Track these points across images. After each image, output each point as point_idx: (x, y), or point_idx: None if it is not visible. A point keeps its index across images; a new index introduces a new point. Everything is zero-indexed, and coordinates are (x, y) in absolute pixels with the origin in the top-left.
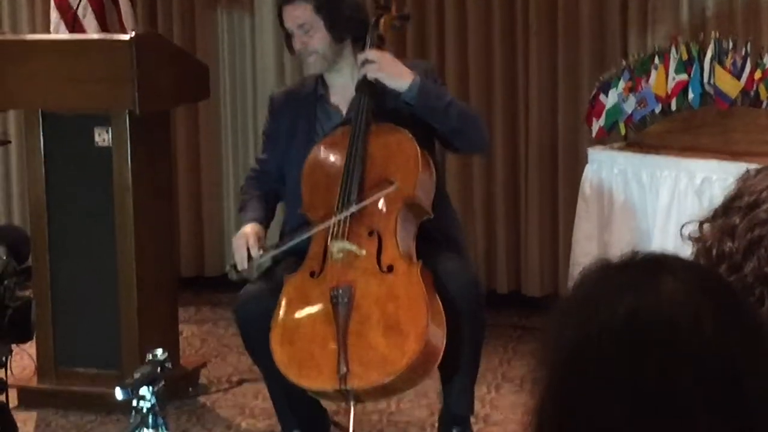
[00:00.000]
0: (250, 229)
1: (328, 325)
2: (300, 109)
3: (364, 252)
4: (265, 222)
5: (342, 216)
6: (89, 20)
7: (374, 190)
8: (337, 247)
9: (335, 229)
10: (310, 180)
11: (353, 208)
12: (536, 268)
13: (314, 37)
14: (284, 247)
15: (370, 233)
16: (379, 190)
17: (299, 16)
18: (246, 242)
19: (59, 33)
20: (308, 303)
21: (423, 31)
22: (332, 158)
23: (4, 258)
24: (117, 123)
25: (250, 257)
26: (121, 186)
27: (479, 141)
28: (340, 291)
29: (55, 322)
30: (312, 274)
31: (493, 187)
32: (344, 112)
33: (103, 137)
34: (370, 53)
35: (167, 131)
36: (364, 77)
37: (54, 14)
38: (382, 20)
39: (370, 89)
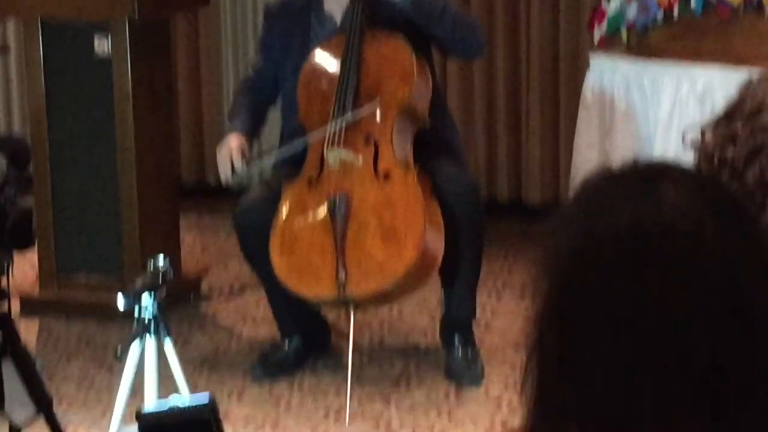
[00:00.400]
0: (234, 141)
1: (326, 233)
2: (295, 19)
3: (360, 160)
4: (252, 133)
5: (336, 125)
6: None
7: (368, 101)
8: (333, 155)
9: (331, 137)
10: (306, 89)
11: (348, 117)
12: (537, 176)
13: None
14: (271, 159)
15: (367, 141)
16: (374, 102)
17: None
18: (229, 154)
19: None
20: (306, 212)
21: None
22: (327, 66)
23: (5, 166)
24: (117, 31)
25: (233, 170)
26: (121, 94)
27: (476, 46)
28: (337, 199)
29: (56, 230)
30: (310, 183)
31: (494, 95)
32: (338, 20)
33: (102, 46)
34: None
35: (167, 39)
36: None
37: None
38: None
39: None
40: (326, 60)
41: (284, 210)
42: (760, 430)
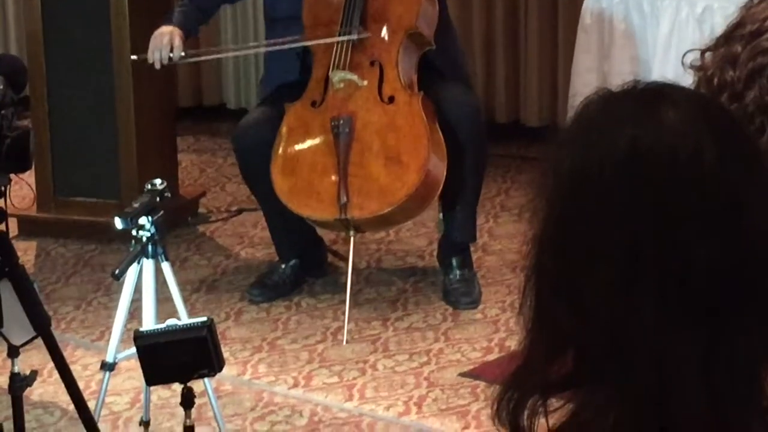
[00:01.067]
0: (175, 29)
1: (328, 155)
2: None
3: (365, 82)
4: (189, 35)
5: (342, 46)
6: None
7: (375, 22)
8: (338, 76)
9: (336, 58)
10: (312, 9)
11: (354, 35)
12: (535, 98)
13: None
14: (233, 52)
15: (372, 63)
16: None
17: None
18: (170, 40)
19: None
20: (309, 133)
21: None
22: None
23: (2, 88)
24: None
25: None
26: (118, 13)
27: None
28: (341, 121)
29: (53, 152)
30: (313, 104)
31: (492, 17)
32: None
33: None
34: None
35: None
36: None
37: None
38: None
39: None
40: None
41: (286, 130)
42: (756, 353)
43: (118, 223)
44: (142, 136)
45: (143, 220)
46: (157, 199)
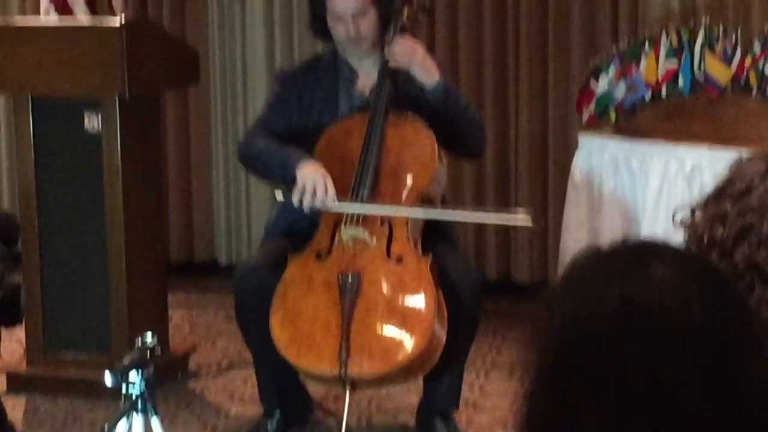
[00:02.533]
0: (322, 170)
1: (332, 309)
2: (319, 82)
3: (375, 241)
4: None
5: (356, 208)
6: (79, 5)
7: (388, 182)
8: (350, 233)
9: (349, 215)
10: (324, 159)
11: (367, 209)
12: (526, 254)
13: (366, 23)
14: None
15: (382, 222)
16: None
17: (359, 2)
18: (324, 185)
19: (49, 16)
20: (313, 285)
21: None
22: (349, 142)
23: None
24: (107, 107)
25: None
26: (111, 171)
27: (478, 148)
28: (349, 277)
29: (44, 307)
30: (318, 256)
31: (483, 172)
32: (365, 96)
33: (92, 122)
34: (408, 40)
35: (157, 116)
36: (387, 63)
37: None
38: (405, 10)
39: (394, 75)
40: (348, 135)
41: (289, 280)
42: None
43: (108, 379)
44: (133, 291)
45: (133, 376)
46: (148, 354)
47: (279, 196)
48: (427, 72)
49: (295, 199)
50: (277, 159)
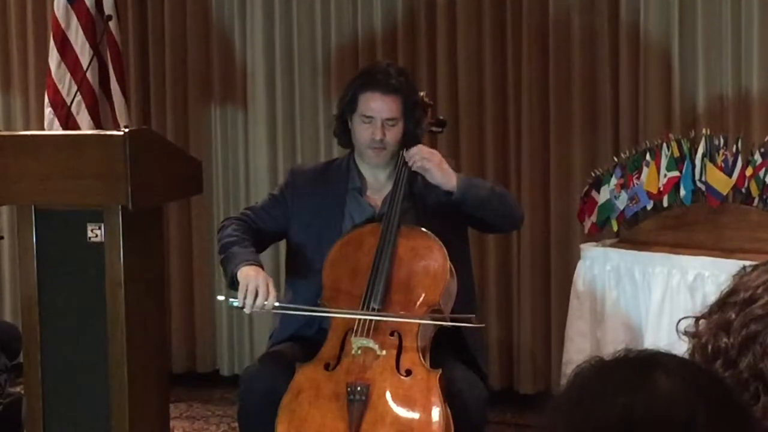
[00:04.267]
0: (263, 273)
1: (340, 420)
2: (328, 189)
3: (384, 352)
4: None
5: (365, 316)
6: (83, 116)
7: (399, 294)
8: (359, 344)
9: (359, 326)
10: (334, 272)
11: (377, 318)
12: (529, 365)
13: (393, 132)
14: (305, 312)
15: (392, 333)
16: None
17: (394, 109)
18: (266, 287)
19: (53, 129)
20: (320, 395)
21: None
22: (359, 254)
23: None
24: (110, 219)
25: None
26: (113, 282)
27: (514, 220)
28: (358, 388)
29: (45, 419)
30: (327, 366)
31: (485, 283)
32: (376, 208)
33: (95, 233)
34: (425, 148)
35: (160, 227)
36: (405, 166)
37: (48, 110)
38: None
39: (410, 181)
40: (359, 246)
41: (296, 390)
42: None
43: None
44: (135, 402)
45: None
46: None
47: (222, 297)
48: (445, 177)
49: (239, 300)
50: (231, 253)
